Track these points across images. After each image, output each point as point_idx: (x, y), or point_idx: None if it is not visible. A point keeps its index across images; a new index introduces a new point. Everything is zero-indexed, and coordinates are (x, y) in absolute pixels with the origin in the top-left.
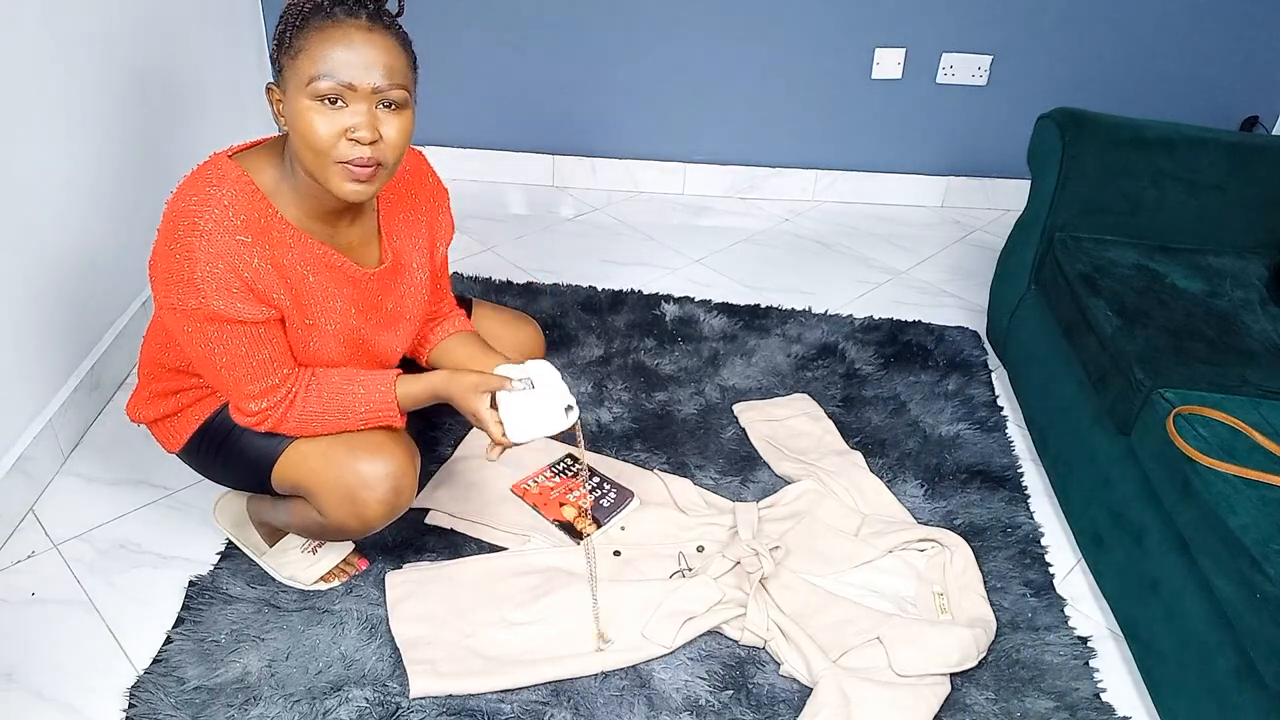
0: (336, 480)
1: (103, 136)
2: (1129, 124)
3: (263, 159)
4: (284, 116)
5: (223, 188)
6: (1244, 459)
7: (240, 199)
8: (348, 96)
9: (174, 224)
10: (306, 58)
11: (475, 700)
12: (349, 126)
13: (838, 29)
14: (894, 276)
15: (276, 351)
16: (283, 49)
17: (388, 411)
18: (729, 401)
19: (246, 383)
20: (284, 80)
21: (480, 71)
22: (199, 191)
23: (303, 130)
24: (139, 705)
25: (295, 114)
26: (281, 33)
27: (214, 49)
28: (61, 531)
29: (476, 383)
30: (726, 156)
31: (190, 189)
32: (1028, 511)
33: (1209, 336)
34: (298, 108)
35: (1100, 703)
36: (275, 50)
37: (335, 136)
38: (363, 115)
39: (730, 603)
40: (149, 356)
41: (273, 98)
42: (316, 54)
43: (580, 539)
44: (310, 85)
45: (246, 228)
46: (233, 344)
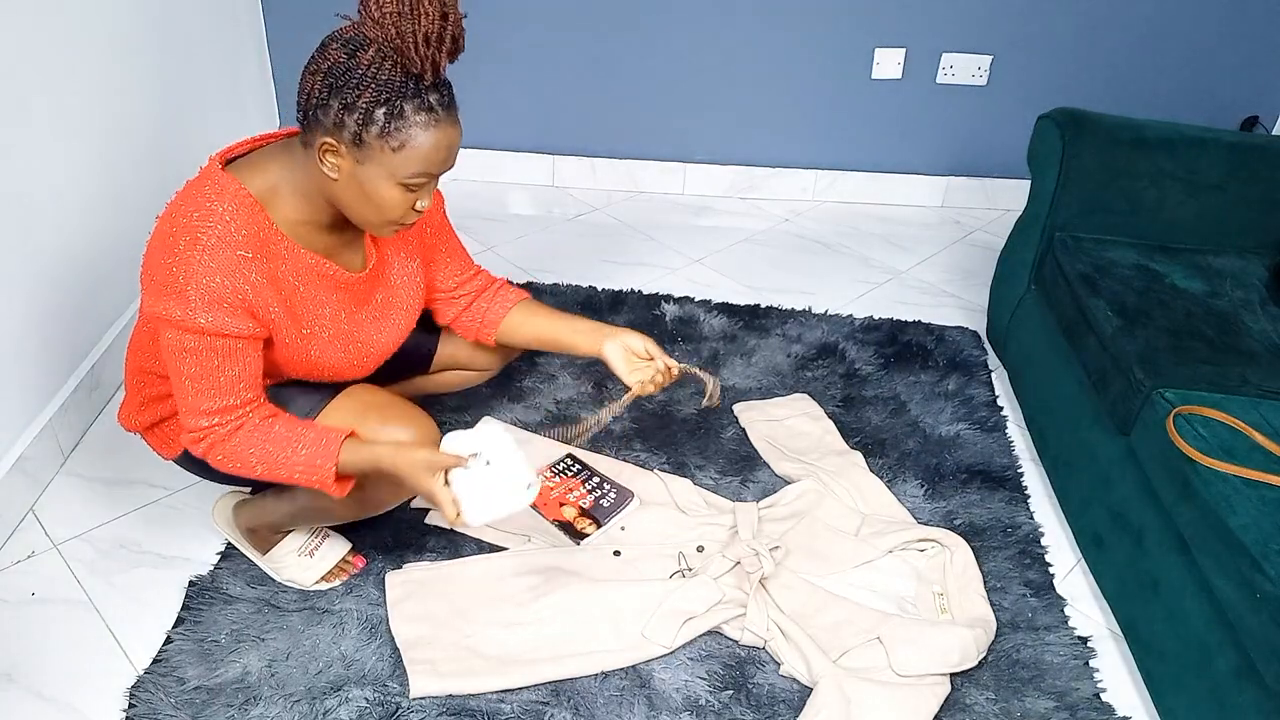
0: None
1: (103, 136)
2: (1129, 124)
3: (256, 168)
4: (342, 171)
5: (223, 201)
6: (1244, 459)
7: (241, 213)
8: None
9: (173, 237)
10: (410, 157)
11: (475, 700)
12: (420, 202)
13: (838, 29)
14: (894, 276)
15: (246, 373)
16: (369, 123)
17: (324, 473)
18: (729, 401)
19: (204, 398)
20: (364, 154)
21: (480, 72)
22: (199, 206)
23: (379, 204)
24: (139, 705)
25: (373, 188)
26: (369, 106)
27: (214, 49)
28: (61, 531)
29: (428, 461)
30: (726, 156)
31: (189, 203)
32: (1028, 511)
33: (1209, 336)
34: (380, 187)
35: (1100, 703)
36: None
37: (406, 210)
38: (430, 193)
39: (730, 603)
40: (135, 364)
41: (326, 148)
42: (423, 157)
43: (580, 539)
44: (408, 180)
45: (247, 242)
46: (206, 356)
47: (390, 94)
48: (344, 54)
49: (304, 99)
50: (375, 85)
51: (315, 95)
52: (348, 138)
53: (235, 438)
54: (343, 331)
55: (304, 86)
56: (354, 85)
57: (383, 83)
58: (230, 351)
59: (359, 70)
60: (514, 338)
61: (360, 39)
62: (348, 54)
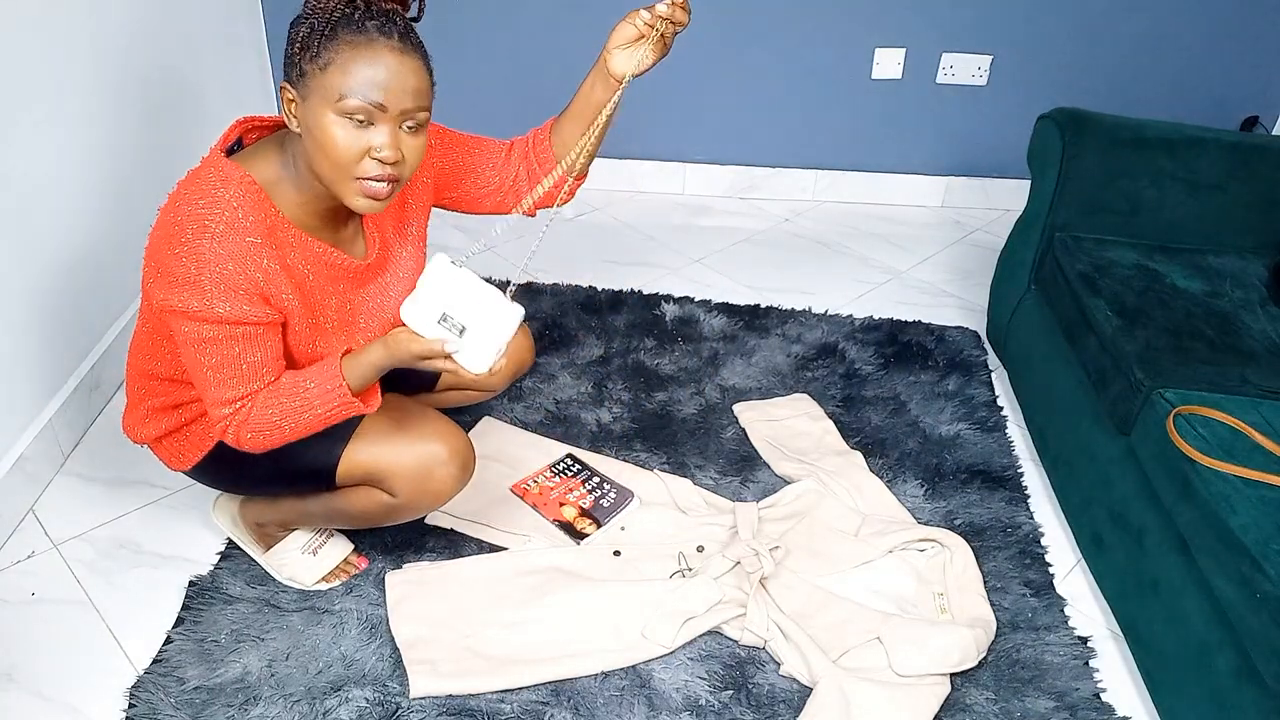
0: (411, 461)
1: (103, 136)
2: (1129, 124)
3: (258, 156)
4: (299, 120)
5: (228, 189)
6: (1244, 459)
7: (248, 200)
8: (375, 116)
9: (179, 227)
10: (338, 72)
11: (475, 700)
12: (374, 146)
13: (838, 29)
14: (894, 276)
15: (268, 357)
16: (307, 54)
17: (341, 394)
18: (729, 401)
19: (228, 387)
20: (306, 87)
21: (479, 71)
22: (205, 194)
23: (325, 143)
24: (139, 705)
25: (317, 125)
26: (306, 36)
27: (214, 49)
28: (61, 531)
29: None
30: (726, 156)
31: (195, 192)
32: (1028, 511)
33: (1209, 336)
34: (321, 120)
35: (1100, 703)
36: (296, 52)
37: (359, 154)
38: (387, 136)
39: (730, 603)
40: (138, 369)
41: (285, 97)
42: (349, 70)
43: (580, 539)
44: (339, 102)
45: (256, 228)
46: (227, 345)
47: (328, 20)
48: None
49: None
50: (318, 16)
51: (291, 46)
52: (294, 76)
53: (253, 413)
54: (346, 322)
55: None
56: (303, 20)
57: (326, 11)
58: (251, 338)
59: (310, 7)
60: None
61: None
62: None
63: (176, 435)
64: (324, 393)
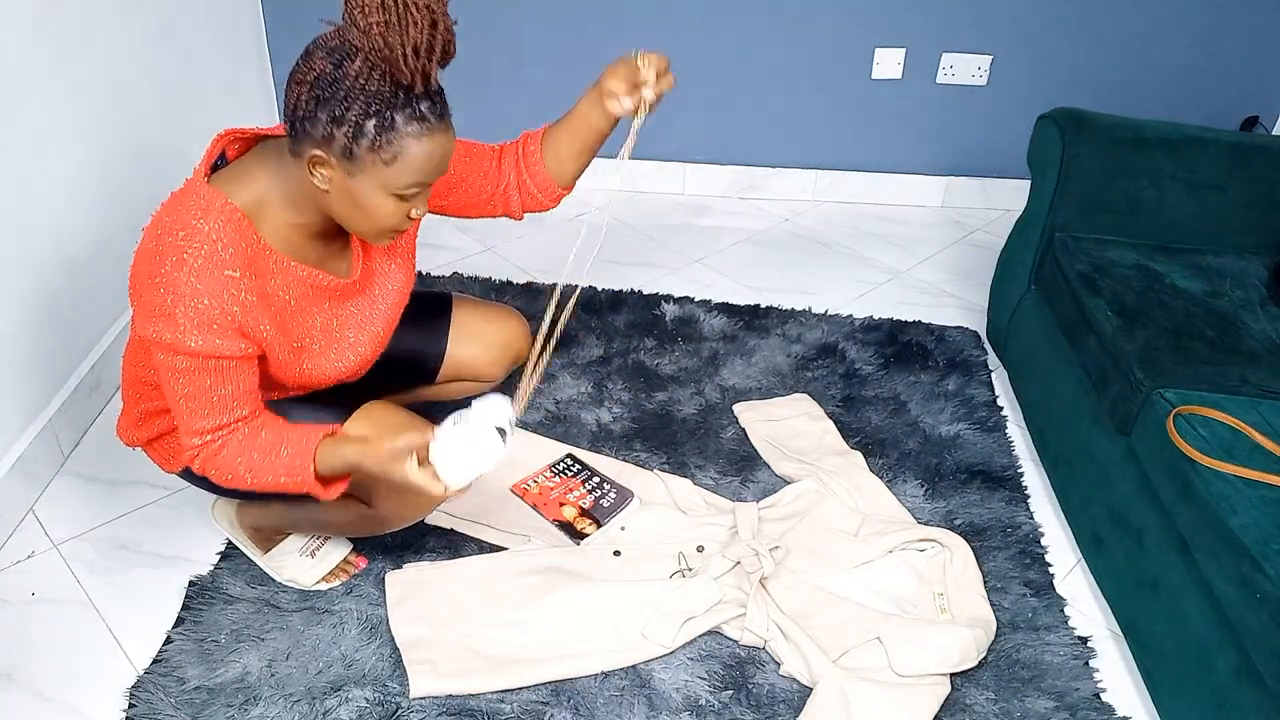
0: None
1: (102, 135)
2: (1129, 124)
3: (243, 177)
4: (332, 183)
5: (208, 219)
6: (1244, 459)
7: (228, 230)
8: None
9: (158, 256)
10: (402, 166)
11: (475, 700)
12: (414, 209)
13: (838, 29)
14: (894, 276)
15: (240, 390)
16: (361, 140)
17: (304, 474)
18: (729, 401)
19: (199, 417)
20: (355, 166)
21: (479, 71)
22: (185, 224)
23: (371, 214)
24: (139, 705)
25: (366, 199)
26: (359, 119)
27: (214, 49)
28: (61, 531)
29: (394, 451)
30: (726, 156)
31: (175, 221)
32: (1028, 511)
33: (1209, 336)
34: (372, 197)
35: (1100, 703)
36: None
37: (401, 219)
38: (427, 201)
39: (730, 603)
40: (132, 375)
41: (314, 161)
42: (412, 164)
43: (580, 539)
44: (401, 190)
45: (235, 261)
46: (199, 377)
47: (380, 105)
48: (330, 64)
49: (290, 109)
50: (364, 97)
51: (302, 106)
52: (338, 150)
53: (224, 451)
54: (332, 340)
55: (290, 96)
56: (342, 97)
57: (371, 94)
58: (223, 371)
59: (346, 81)
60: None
61: (346, 47)
62: (334, 64)
63: (168, 438)
64: (291, 466)
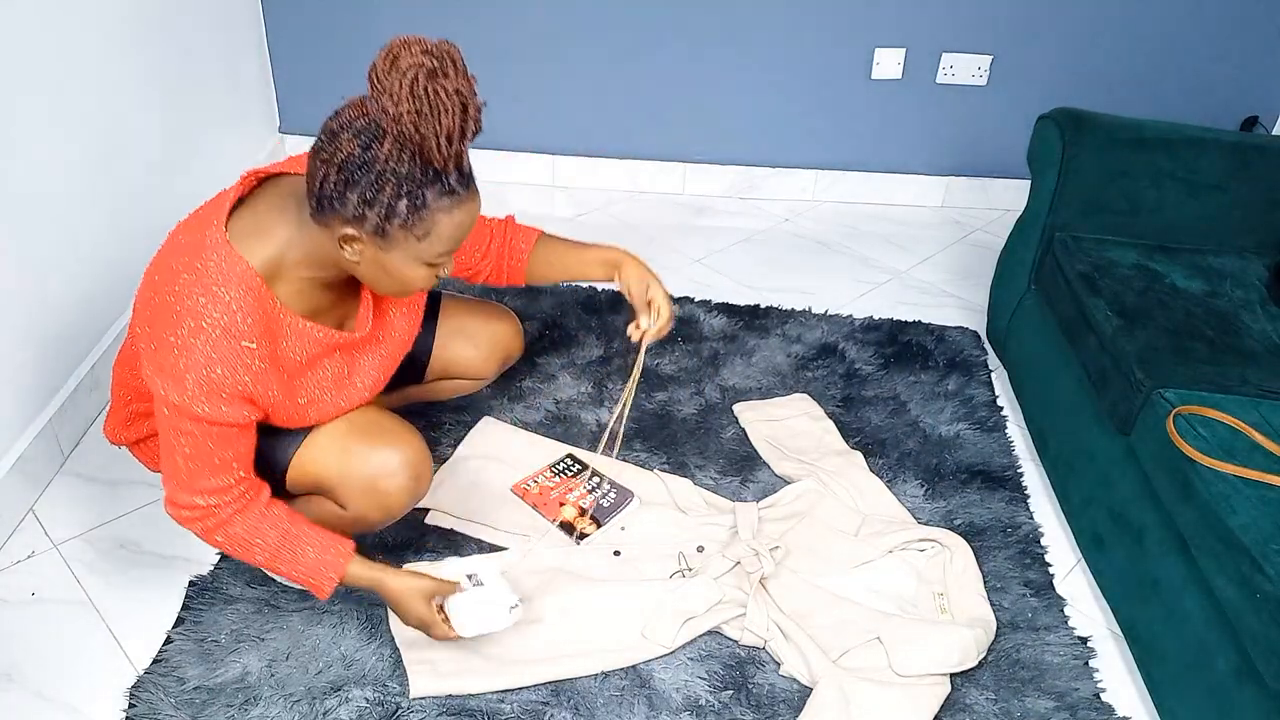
0: (359, 472)
1: (103, 135)
2: (1129, 124)
3: (261, 234)
4: (362, 255)
5: (229, 288)
6: (1244, 459)
7: (248, 299)
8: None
9: (176, 316)
10: (436, 240)
11: (475, 700)
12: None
13: (838, 29)
14: (894, 276)
15: (240, 452)
16: (394, 219)
17: (325, 581)
18: (729, 401)
19: (201, 477)
20: (388, 242)
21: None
22: (205, 290)
23: (405, 281)
24: (139, 705)
25: (398, 270)
26: (391, 200)
27: (214, 49)
28: (61, 531)
29: (421, 589)
30: (726, 156)
31: (195, 283)
32: (1028, 511)
33: (1209, 336)
34: (405, 268)
35: (1100, 703)
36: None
37: (430, 281)
38: (452, 261)
39: (730, 603)
40: (123, 380)
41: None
42: (445, 237)
43: (581, 539)
44: (434, 260)
45: (252, 331)
46: (202, 440)
47: (412, 186)
48: (358, 146)
49: (316, 186)
50: (395, 179)
51: (330, 186)
52: (369, 229)
53: (238, 524)
54: (341, 390)
55: (315, 173)
56: (373, 180)
57: (403, 176)
58: (225, 437)
59: (377, 165)
60: (538, 277)
61: (374, 129)
62: (362, 146)
63: (155, 439)
64: (315, 571)
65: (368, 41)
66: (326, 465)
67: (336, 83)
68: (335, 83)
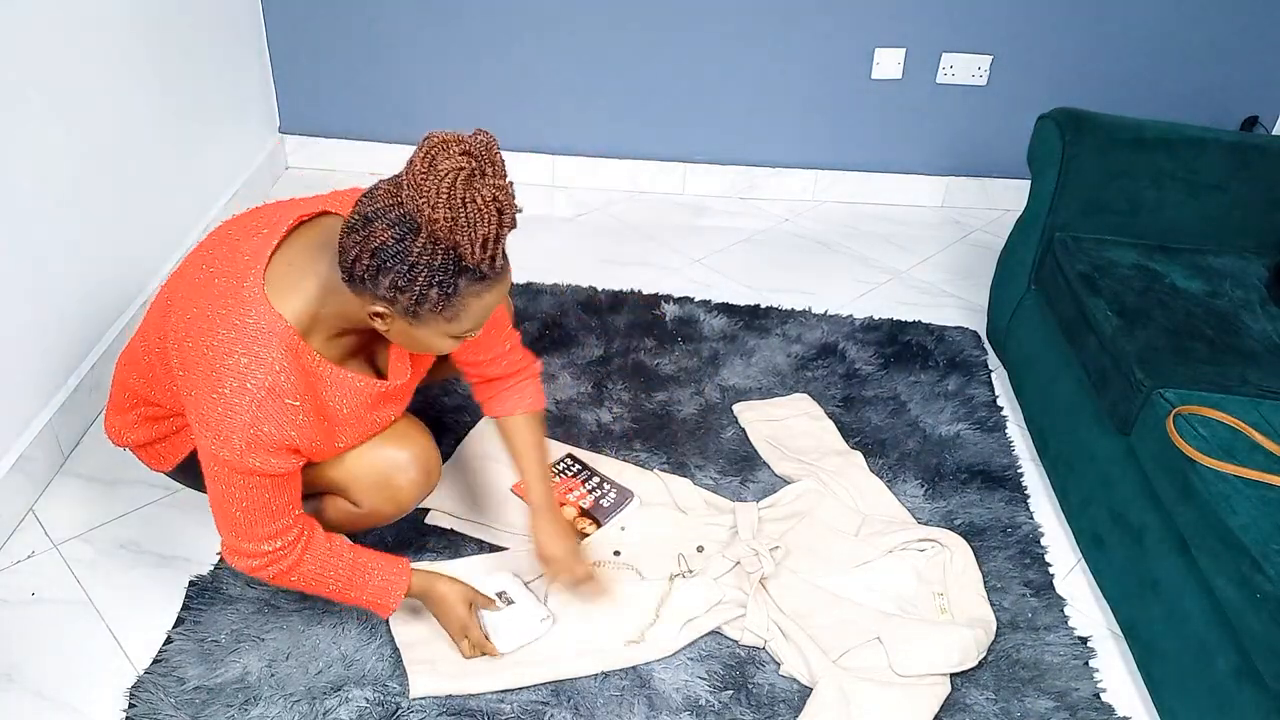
0: (370, 468)
1: (103, 135)
2: (1129, 124)
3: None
4: (393, 328)
5: (272, 348)
6: (1244, 459)
7: (290, 359)
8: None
9: (218, 375)
10: (467, 319)
11: (475, 700)
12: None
13: (838, 29)
14: (894, 276)
15: (293, 495)
16: (425, 304)
17: (392, 599)
18: (729, 401)
19: (261, 525)
20: (418, 320)
21: (480, 71)
22: (247, 350)
23: (430, 348)
24: (139, 705)
25: (428, 342)
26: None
27: (214, 49)
28: (61, 531)
29: (468, 595)
30: (726, 156)
31: (236, 342)
32: (1028, 511)
33: (1209, 336)
34: (435, 340)
35: (1100, 703)
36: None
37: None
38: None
39: (730, 603)
40: (127, 383)
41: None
42: (476, 315)
43: (581, 539)
44: (464, 334)
45: (296, 390)
46: (257, 492)
47: (444, 277)
48: (392, 236)
49: (349, 263)
50: (429, 271)
51: (362, 269)
52: (400, 310)
53: (307, 562)
54: (374, 427)
55: (348, 251)
56: (406, 270)
57: (435, 268)
58: (279, 484)
59: (410, 257)
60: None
61: (409, 222)
62: (396, 238)
63: (163, 442)
64: (382, 591)
65: (368, 42)
66: (339, 465)
67: (336, 83)
68: (335, 83)
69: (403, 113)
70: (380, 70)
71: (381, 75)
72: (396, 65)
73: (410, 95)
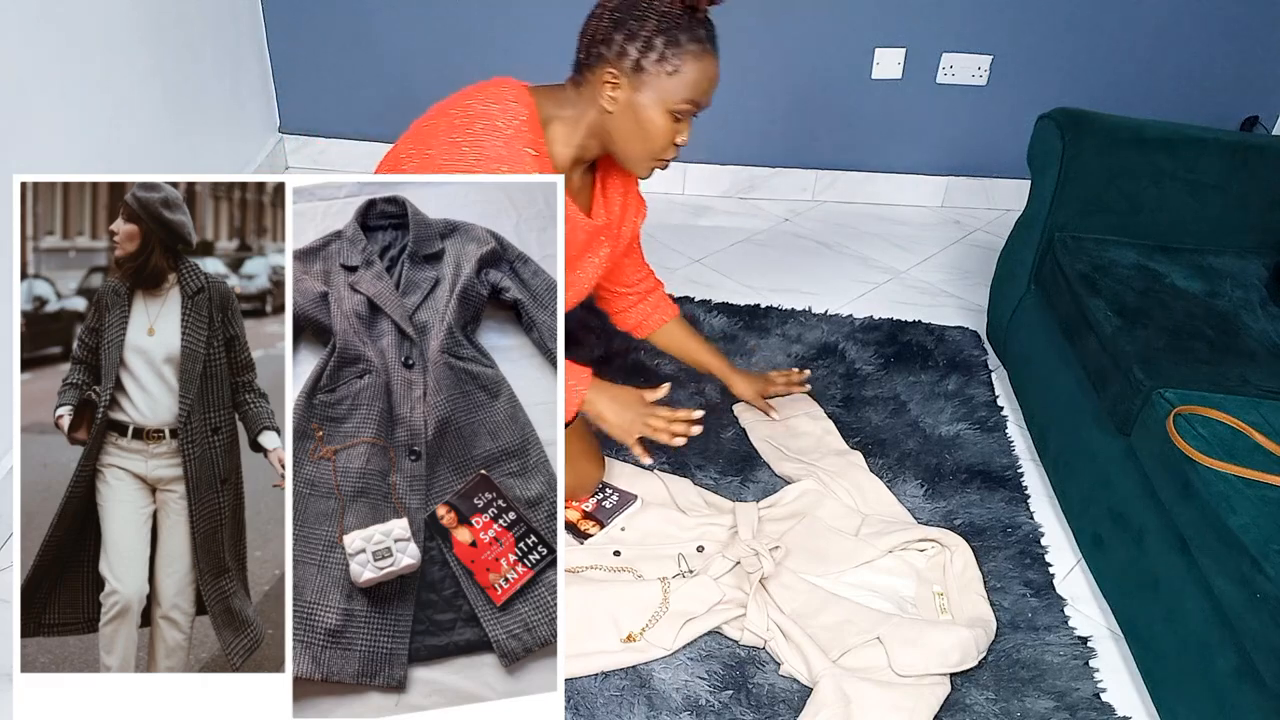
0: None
1: (103, 135)
2: (1129, 124)
3: (542, 97)
4: (617, 101)
5: (520, 104)
6: (1244, 459)
7: (532, 120)
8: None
9: (467, 117)
10: (682, 81)
11: None
12: (681, 137)
13: (838, 29)
14: (894, 276)
15: None
16: (650, 54)
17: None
18: (729, 401)
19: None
20: (640, 81)
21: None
22: (498, 99)
23: (649, 132)
24: None
25: (647, 116)
26: (649, 35)
27: (214, 49)
28: None
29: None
30: (726, 156)
31: (486, 94)
32: (1028, 511)
33: (1209, 336)
34: (652, 113)
35: (1100, 703)
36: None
37: (670, 143)
38: (690, 129)
39: (730, 603)
40: None
41: (607, 78)
42: (691, 82)
43: (583, 539)
44: (677, 106)
45: (535, 144)
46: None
47: (669, 24)
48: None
49: (588, 38)
50: (656, 16)
51: (600, 31)
52: (628, 66)
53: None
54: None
55: (589, 27)
56: (638, 17)
57: (663, 14)
58: None
59: (642, 4)
60: (659, 342)
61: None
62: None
63: None
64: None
65: (367, 42)
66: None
67: (336, 83)
68: (335, 83)
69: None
70: (380, 70)
71: (381, 75)
72: (396, 65)
73: (410, 95)
